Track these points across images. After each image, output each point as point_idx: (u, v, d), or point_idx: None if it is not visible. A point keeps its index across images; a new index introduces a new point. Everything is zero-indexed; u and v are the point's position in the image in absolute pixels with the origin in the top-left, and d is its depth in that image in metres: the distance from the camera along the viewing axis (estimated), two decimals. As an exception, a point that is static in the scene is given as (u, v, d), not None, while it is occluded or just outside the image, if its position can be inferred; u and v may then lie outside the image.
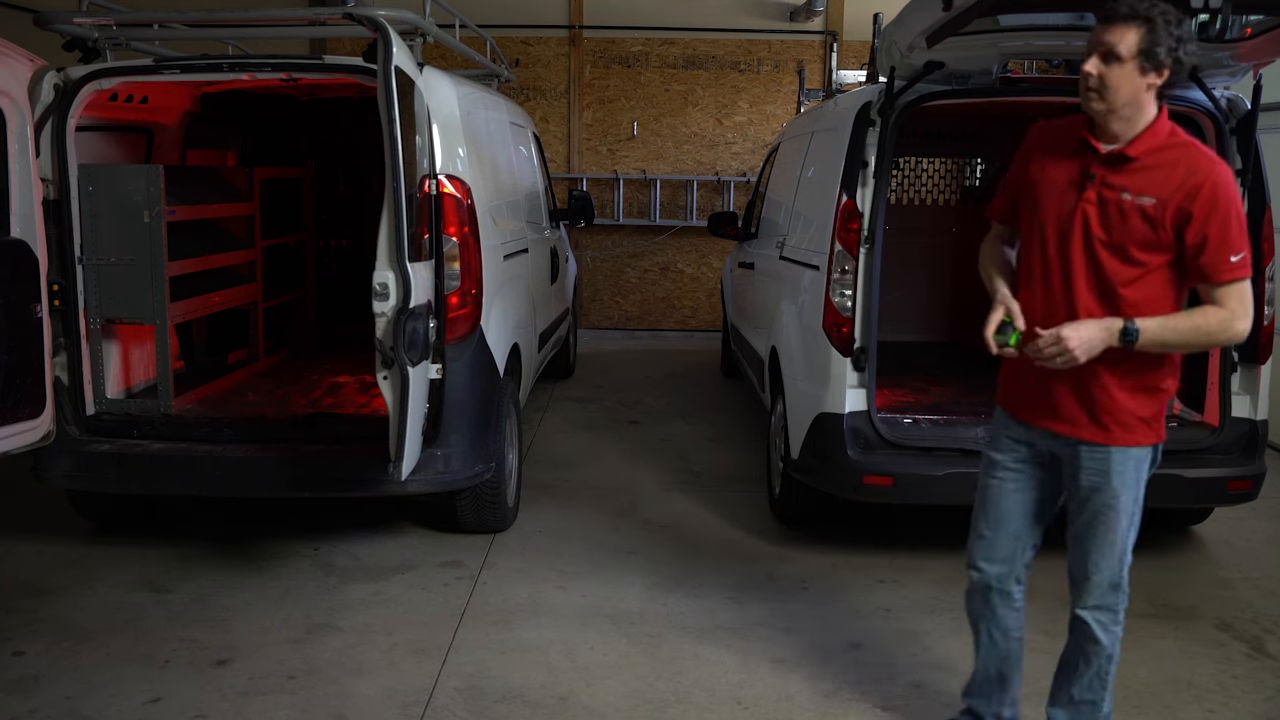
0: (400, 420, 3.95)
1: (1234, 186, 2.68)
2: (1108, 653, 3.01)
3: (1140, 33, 2.59)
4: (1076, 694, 3.05)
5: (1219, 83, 4.56)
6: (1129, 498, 2.89)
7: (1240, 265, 2.66)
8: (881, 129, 4.55)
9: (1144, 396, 2.83)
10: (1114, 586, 2.98)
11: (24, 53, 3.98)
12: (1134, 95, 2.65)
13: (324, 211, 7.17)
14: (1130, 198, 2.69)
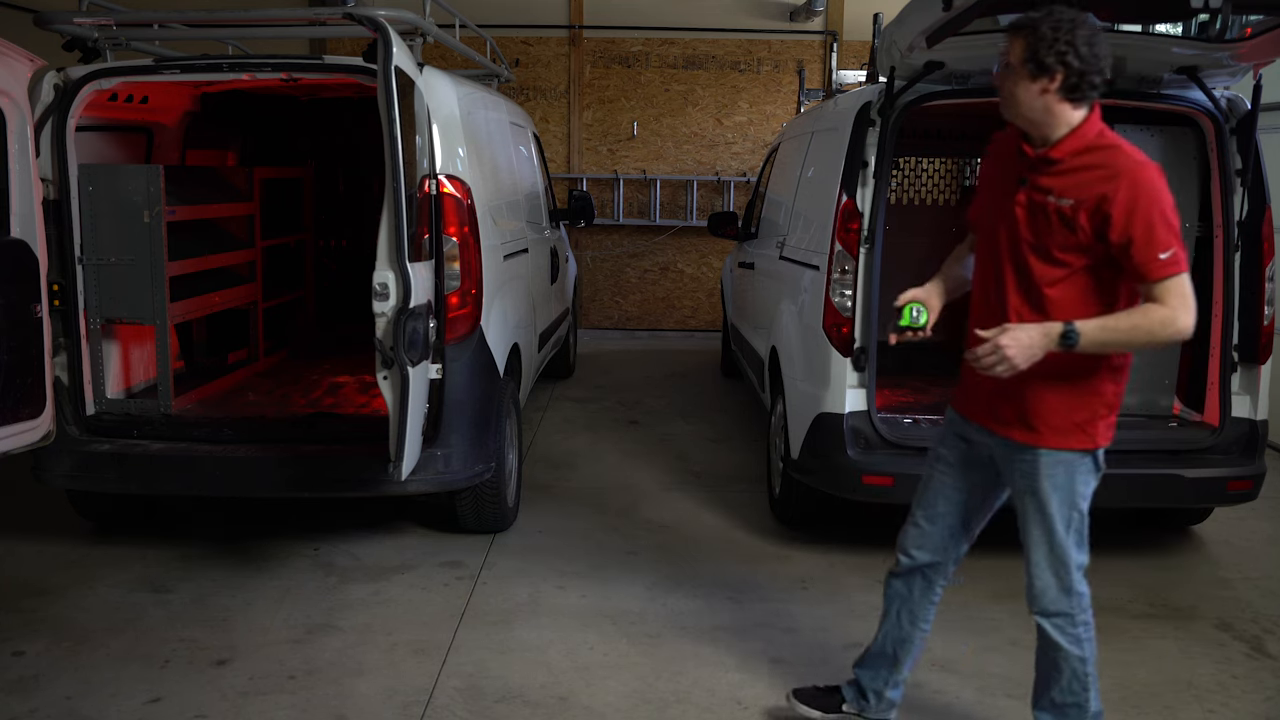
0: (400, 420, 3.95)
1: (1157, 185, 2.68)
2: (1077, 655, 2.98)
3: (1024, 42, 2.72)
4: (1058, 698, 3.04)
5: (1219, 83, 4.56)
6: (1062, 502, 2.90)
7: (1171, 262, 2.66)
8: (881, 129, 4.55)
9: (1076, 399, 2.84)
10: (1065, 591, 2.95)
11: (24, 53, 3.98)
12: (1031, 100, 2.74)
13: (324, 211, 7.17)
14: (1054, 200, 2.74)
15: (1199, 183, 4.74)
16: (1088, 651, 2.98)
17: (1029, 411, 2.87)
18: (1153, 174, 2.70)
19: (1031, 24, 2.71)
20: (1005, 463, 2.99)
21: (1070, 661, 2.98)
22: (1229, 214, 4.56)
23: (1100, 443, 2.90)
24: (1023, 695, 3.64)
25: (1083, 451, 2.89)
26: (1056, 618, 2.96)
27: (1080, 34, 2.68)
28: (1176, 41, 4.42)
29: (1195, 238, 4.78)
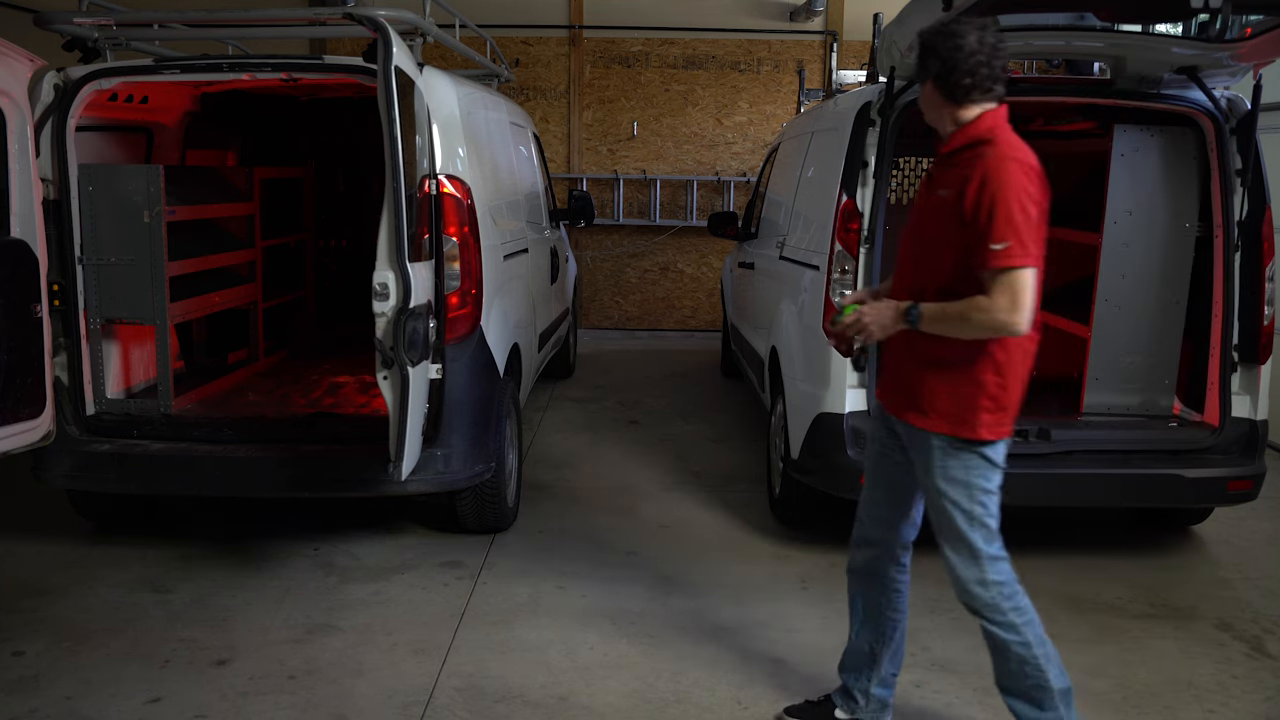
0: (400, 420, 3.95)
1: (1014, 179, 2.72)
2: (1017, 641, 2.97)
3: (919, 51, 2.93)
4: (1012, 684, 3.04)
5: (1219, 83, 4.56)
6: (959, 495, 2.95)
7: (1004, 254, 2.68)
8: (881, 129, 4.55)
9: (955, 386, 2.90)
10: (981, 584, 2.98)
11: (24, 53, 3.98)
12: (922, 100, 2.98)
13: (324, 211, 7.18)
14: (941, 193, 2.88)
15: (1199, 183, 4.74)
16: (1028, 635, 2.97)
17: (919, 396, 2.97)
18: (1013, 167, 2.74)
19: (920, 34, 2.94)
20: (910, 448, 3.07)
21: (1012, 648, 2.97)
22: (1229, 214, 4.56)
23: (984, 434, 2.92)
24: (1023, 695, 3.64)
25: (967, 440, 2.92)
26: (988, 610, 2.99)
27: (948, 41, 2.85)
28: (1176, 41, 4.43)
29: (1195, 238, 4.78)
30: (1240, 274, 4.59)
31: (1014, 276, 2.69)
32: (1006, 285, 2.70)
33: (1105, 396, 4.93)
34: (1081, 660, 3.92)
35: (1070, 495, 4.72)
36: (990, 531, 3.00)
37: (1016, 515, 5.42)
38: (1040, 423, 4.68)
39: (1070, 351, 5.34)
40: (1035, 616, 3.01)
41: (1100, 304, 4.87)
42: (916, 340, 2.92)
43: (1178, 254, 4.80)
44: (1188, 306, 4.82)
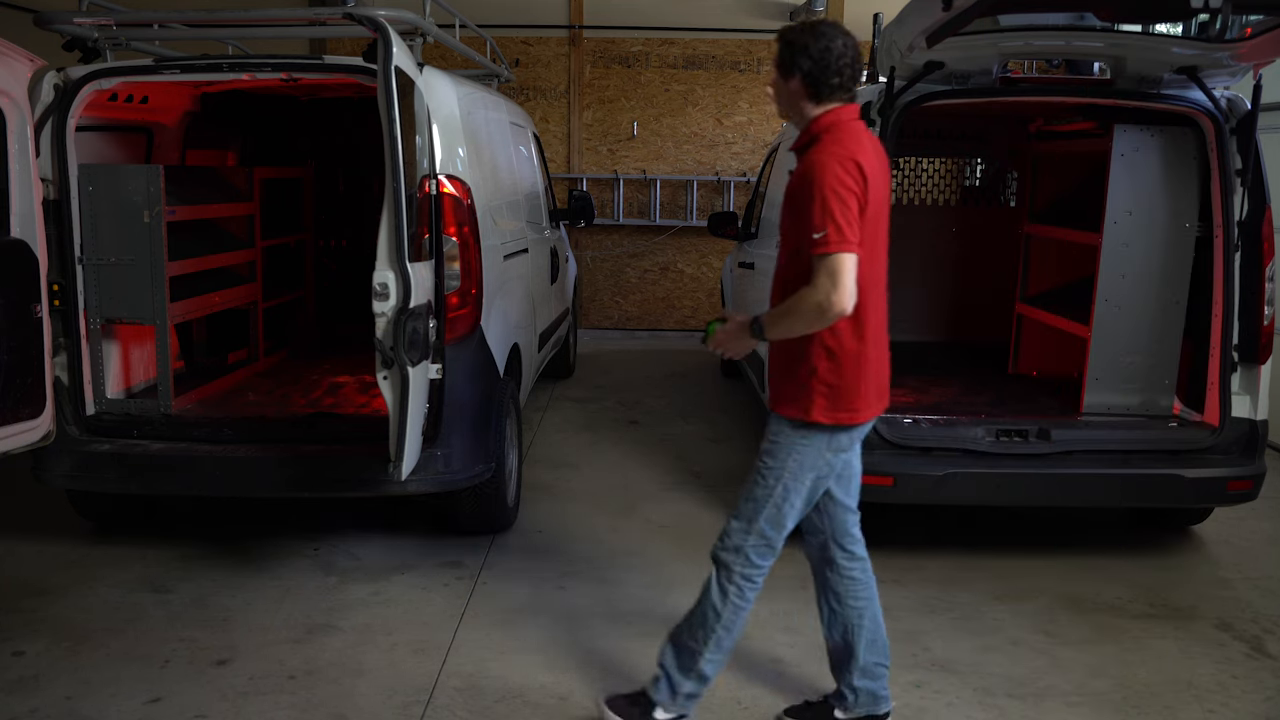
0: (400, 420, 3.95)
1: (831, 171, 2.83)
2: (710, 602, 3.18)
3: (778, 47, 3.02)
4: (682, 633, 3.25)
5: (1219, 83, 4.56)
6: (775, 464, 3.09)
7: (821, 241, 2.79)
8: (881, 129, 4.55)
9: (789, 371, 3.06)
10: (737, 549, 3.15)
11: (24, 53, 3.98)
12: (785, 100, 3.04)
13: (324, 211, 7.17)
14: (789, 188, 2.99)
15: (1199, 183, 4.74)
16: (724, 611, 3.16)
17: (772, 379, 3.15)
18: (832, 161, 2.85)
19: (783, 32, 3.03)
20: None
21: (704, 604, 3.20)
22: (1229, 214, 4.56)
23: (816, 417, 3.02)
24: (1024, 695, 3.65)
25: (795, 421, 3.05)
26: (719, 560, 3.19)
27: (816, 41, 2.95)
28: (1176, 41, 4.43)
29: (1195, 238, 4.78)
30: (1240, 274, 4.59)
31: (833, 260, 2.79)
32: (826, 268, 2.80)
33: (1105, 396, 4.93)
34: (1081, 660, 3.92)
35: (1070, 495, 4.72)
36: (779, 515, 3.12)
37: (1017, 515, 5.45)
38: (1040, 423, 4.69)
39: (1070, 351, 5.35)
40: (747, 611, 3.20)
41: (1100, 304, 4.87)
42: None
43: (1178, 254, 4.81)
44: (1188, 306, 4.82)
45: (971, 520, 5.37)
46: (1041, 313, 5.67)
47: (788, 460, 3.08)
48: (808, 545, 3.38)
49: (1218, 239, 4.64)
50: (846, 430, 3.07)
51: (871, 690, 3.36)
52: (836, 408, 3.02)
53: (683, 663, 3.24)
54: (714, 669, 3.24)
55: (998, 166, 7.17)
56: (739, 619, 3.20)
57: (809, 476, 3.10)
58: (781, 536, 3.15)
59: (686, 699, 3.27)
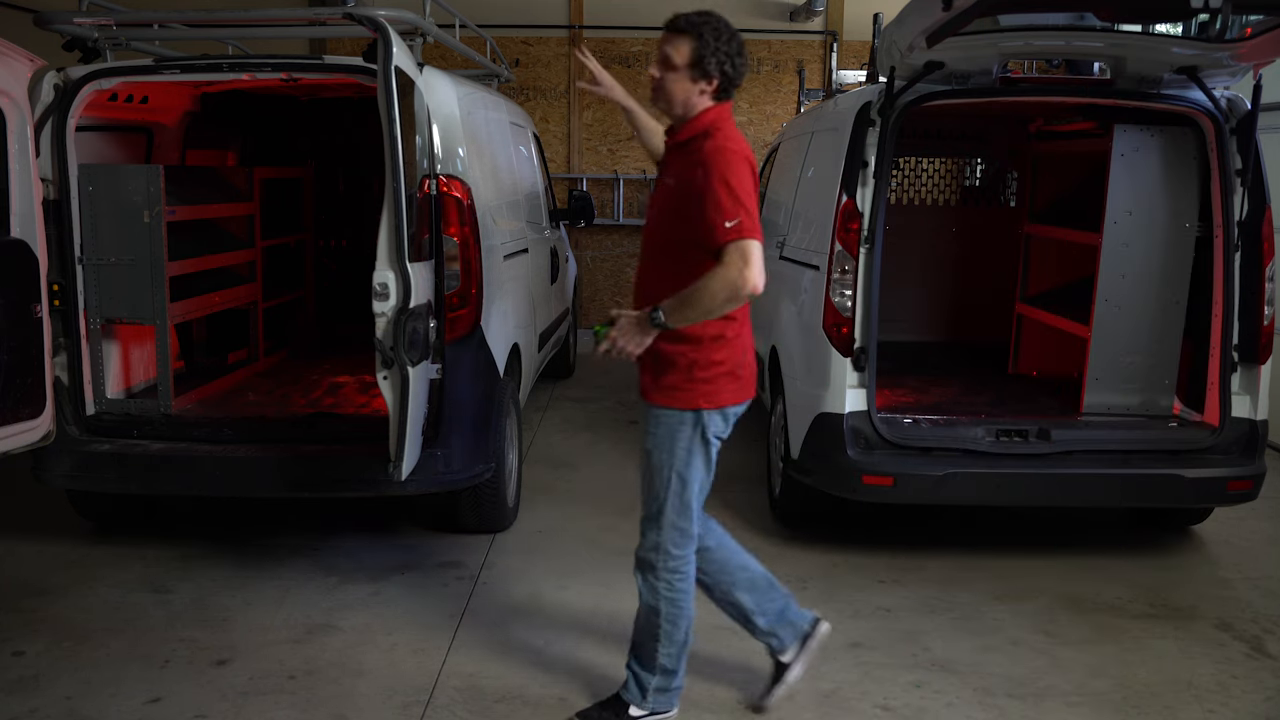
0: (400, 420, 3.95)
1: (738, 166, 2.95)
2: (650, 606, 3.26)
3: (692, 45, 2.98)
4: (636, 634, 3.36)
5: (1219, 83, 4.56)
6: (663, 457, 3.17)
7: (735, 229, 2.88)
8: (881, 129, 4.55)
9: (668, 363, 3.11)
10: (654, 546, 3.23)
11: (24, 53, 3.98)
12: (686, 98, 3.04)
13: (324, 211, 7.17)
14: (672, 182, 3.08)
15: (1199, 183, 4.74)
16: (661, 608, 3.25)
17: (645, 373, 3.18)
18: (736, 157, 2.97)
19: (697, 29, 2.98)
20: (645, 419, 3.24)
21: (643, 606, 3.28)
22: (1229, 214, 4.56)
23: (701, 404, 3.12)
24: (1024, 695, 3.65)
25: (681, 411, 3.13)
26: (641, 562, 3.27)
27: (735, 44, 3.02)
28: (1176, 41, 4.43)
29: (1195, 238, 4.78)
30: (1240, 274, 4.59)
31: (747, 244, 2.89)
32: (740, 252, 2.88)
33: (1105, 396, 4.93)
34: (1081, 660, 3.92)
35: (1070, 495, 4.72)
36: (685, 505, 3.21)
37: (1017, 515, 5.45)
38: (1040, 423, 4.69)
39: (1070, 351, 5.34)
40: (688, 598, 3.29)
41: (1100, 304, 4.87)
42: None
43: (1178, 254, 4.81)
44: (1188, 306, 4.82)
45: (971, 520, 5.37)
46: (1041, 313, 5.67)
47: (674, 450, 3.16)
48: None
49: (1218, 239, 4.64)
50: (735, 409, 3.19)
51: (784, 621, 3.49)
52: (732, 389, 3.15)
53: (644, 661, 3.36)
54: (673, 661, 3.34)
55: (998, 166, 7.17)
56: (681, 610, 3.29)
57: (701, 460, 3.19)
58: (693, 522, 3.24)
59: (656, 693, 3.37)
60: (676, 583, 3.26)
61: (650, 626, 3.30)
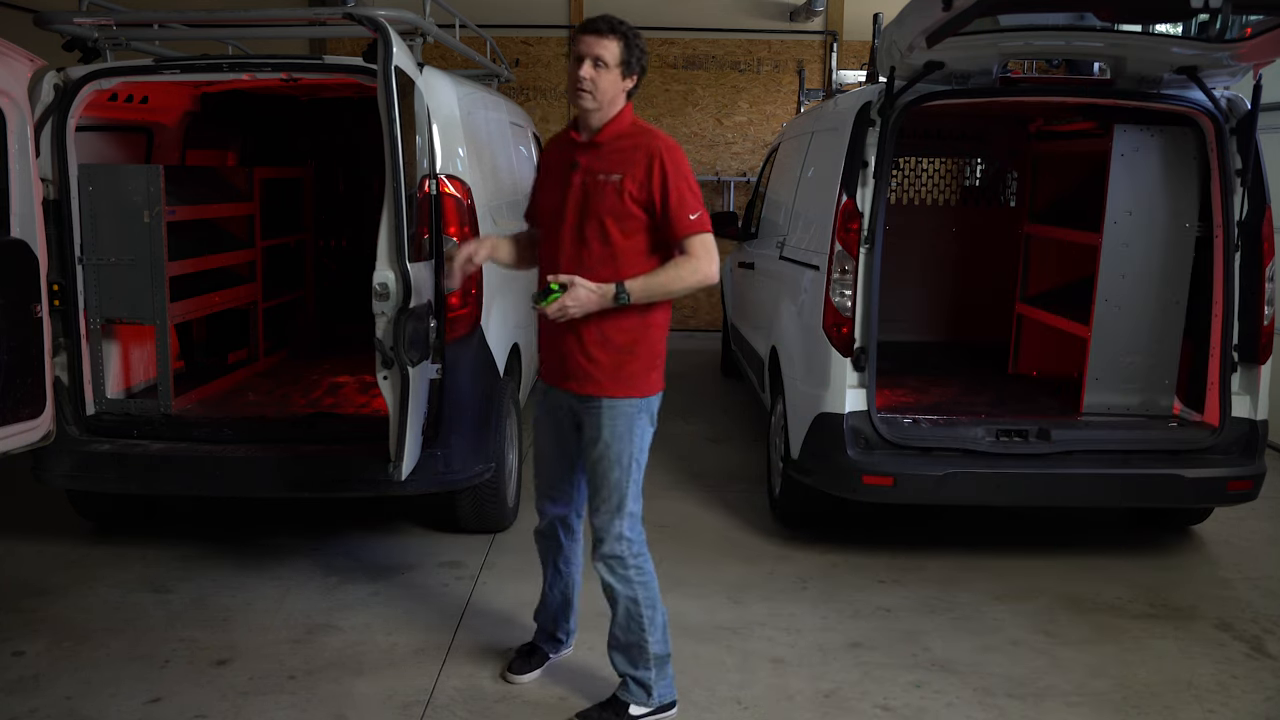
0: (400, 420, 3.95)
1: (683, 161, 3.23)
2: (628, 596, 3.36)
3: (620, 45, 3.23)
4: (620, 635, 3.42)
5: (1219, 83, 4.56)
6: (621, 449, 3.29)
7: (697, 222, 3.17)
8: (881, 129, 4.55)
9: (626, 354, 3.26)
10: (618, 537, 3.33)
11: (24, 53, 3.98)
12: (614, 95, 3.25)
13: (324, 211, 7.17)
14: (603, 177, 3.20)
15: (1199, 183, 4.74)
16: (639, 594, 3.36)
17: (591, 368, 3.27)
18: (679, 153, 3.26)
19: (624, 31, 3.25)
20: (579, 414, 3.36)
21: (623, 601, 3.37)
22: (1229, 214, 4.56)
23: (655, 389, 3.35)
24: (1024, 695, 3.65)
25: (639, 399, 3.30)
26: (610, 559, 3.35)
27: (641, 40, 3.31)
28: (1176, 41, 4.43)
29: (1195, 238, 4.78)
30: (1240, 274, 4.59)
31: (709, 237, 3.20)
32: (705, 244, 3.19)
33: (1105, 396, 4.94)
34: (1081, 660, 3.93)
35: (1070, 495, 4.72)
36: (639, 489, 3.36)
37: (1017, 515, 5.45)
38: (1040, 423, 4.69)
39: (1070, 351, 5.34)
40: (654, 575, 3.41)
41: (1100, 304, 4.87)
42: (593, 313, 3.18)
43: (1178, 254, 4.81)
44: (1188, 306, 4.82)
45: (971, 520, 5.37)
46: (1041, 313, 5.67)
47: (633, 438, 3.30)
48: (549, 512, 3.58)
49: (1218, 239, 4.64)
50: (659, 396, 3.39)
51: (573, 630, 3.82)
52: (661, 379, 3.36)
53: (634, 659, 3.42)
54: (665, 644, 3.44)
55: (998, 166, 7.17)
56: (654, 588, 3.41)
57: (647, 444, 3.36)
58: (641, 502, 3.39)
59: (659, 684, 3.42)
60: (644, 565, 3.38)
61: (634, 619, 3.37)
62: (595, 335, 3.24)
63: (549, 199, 3.37)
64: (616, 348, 3.25)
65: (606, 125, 3.27)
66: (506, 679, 3.70)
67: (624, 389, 3.27)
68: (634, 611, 3.36)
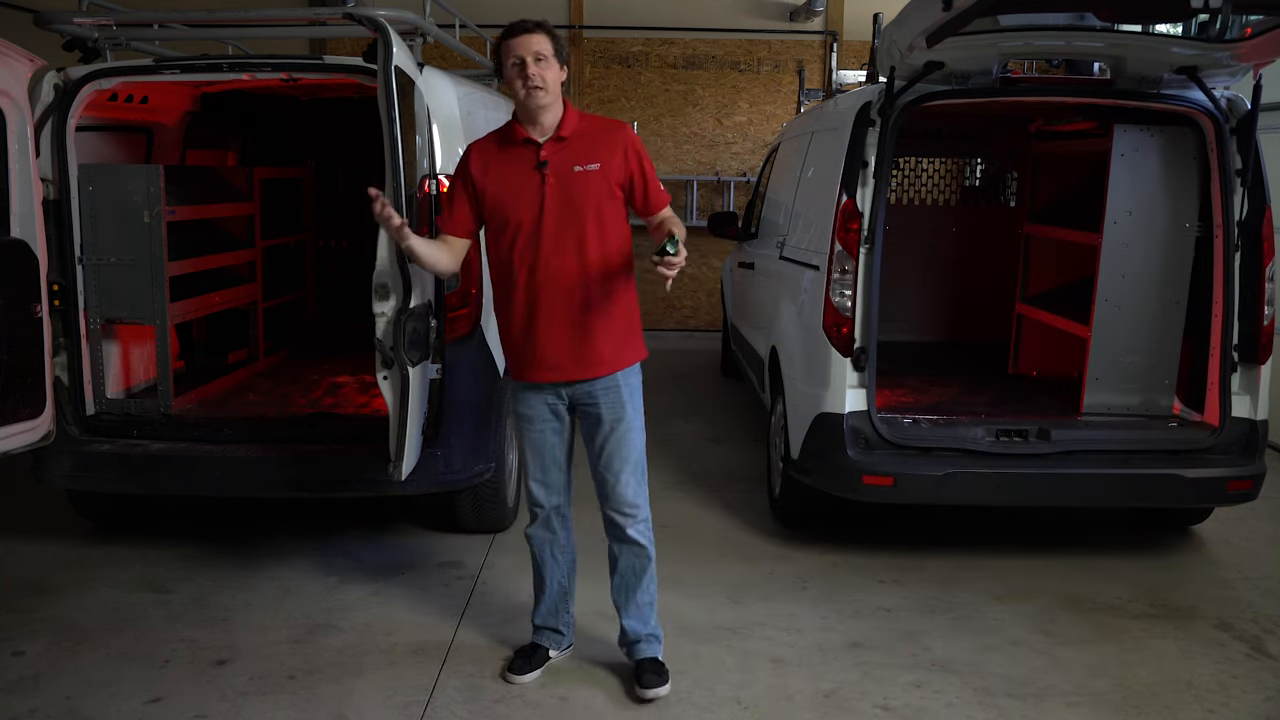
0: (400, 420, 3.95)
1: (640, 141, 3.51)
2: (650, 557, 3.67)
3: (549, 38, 3.34)
4: (642, 599, 3.68)
5: (1219, 83, 4.56)
6: (636, 414, 3.56)
7: (665, 193, 3.57)
8: (881, 129, 4.55)
9: (622, 332, 3.50)
10: (645, 502, 3.62)
11: (24, 53, 3.98)
12: (558, 86, 3.36)
13: (324, 211, 7.17)
14: (580, 168, 3.35)
15: (1199, 183, 4.74)
16: (653, 553, 3.68)
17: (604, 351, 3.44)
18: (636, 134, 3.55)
19: (547, 26, 3.35)
20: (597, 398, 3.50)
21: (651, 560, 3.66)
22: (1229, 214, 4.56)
23: (644, 353, 3.60)
24: (1024, 695, 3.65)
25: (638, 363, 3.58)
26: (641, 524, 3.61)
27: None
28: (1176, 41, 4.43)
29: (1195, 238, 4.78)
30: (1240, 274, 4.58)
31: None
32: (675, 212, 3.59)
33: (1105, 396, 4.93)
34: (1081, 660, 3.93)
35: (1070, 495, 4.72)
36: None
37: (1017, 515, 5.45)
38: (1040, 423, 4.69)
39: (1070, 351, 5.34)
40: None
41: (1100, 304, 4.87)
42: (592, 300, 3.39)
43: (1178, 254, 4.80)
44: (1188, 306, 4.82)
45: (971, 520, 5.37)
46: (1041, 313, 5.67)
47: (640, 399, 3.58)
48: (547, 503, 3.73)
49: (1218, 239, 4.64)
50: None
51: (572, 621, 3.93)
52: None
53: (649, 616, 3.70)
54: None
55: (998, 166, 7.17)
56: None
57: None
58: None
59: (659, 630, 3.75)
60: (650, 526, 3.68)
61: (651, 579, 3.68)
62: (600, 319, 3.40)
63: (518, 203, 3.38)
64: (618, 325, 3.46)
65: (564, 119, 3.39)
66: (507, 679, 3.70)
67: (629, 358, 3.51)
68: (651, 571, 3.66)
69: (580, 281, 3.39)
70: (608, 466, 3.57)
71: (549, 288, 3.38)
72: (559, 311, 3.38)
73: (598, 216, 3.38)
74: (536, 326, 3.40)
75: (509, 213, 3.40)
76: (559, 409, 3.57)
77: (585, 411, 3.54)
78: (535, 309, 3.39)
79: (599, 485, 3.64)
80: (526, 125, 3.38)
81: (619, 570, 3.70)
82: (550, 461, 3.66)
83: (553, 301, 3.38)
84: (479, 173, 3.45)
